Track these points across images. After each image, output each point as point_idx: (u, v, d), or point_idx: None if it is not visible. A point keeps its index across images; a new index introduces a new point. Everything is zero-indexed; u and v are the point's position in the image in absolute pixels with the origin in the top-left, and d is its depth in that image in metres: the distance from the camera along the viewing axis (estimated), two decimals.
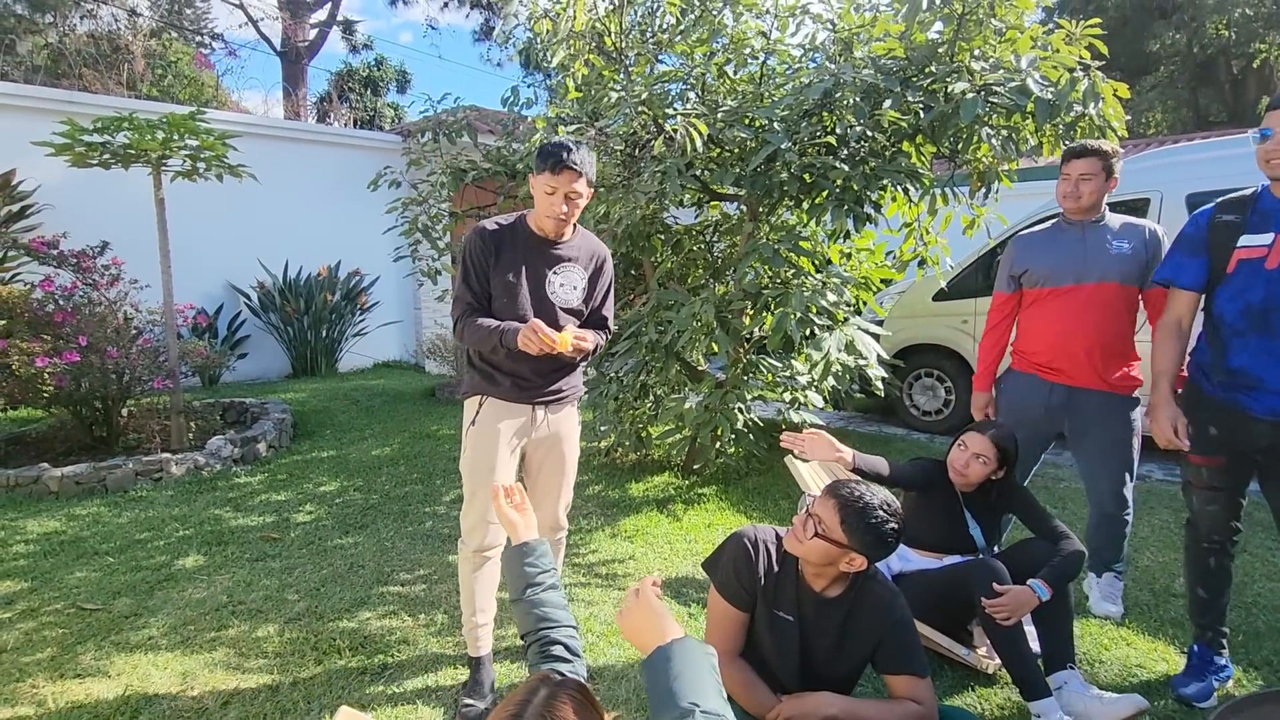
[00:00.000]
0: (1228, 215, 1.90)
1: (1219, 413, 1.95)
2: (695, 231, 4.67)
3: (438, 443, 4.93)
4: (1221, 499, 2.02)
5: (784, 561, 1.68)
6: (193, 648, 2.38)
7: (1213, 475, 2.01)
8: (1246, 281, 1.85)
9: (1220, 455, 1.98)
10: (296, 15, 13.23)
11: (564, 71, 4.14)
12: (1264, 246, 1.82)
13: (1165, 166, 4.52)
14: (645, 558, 3.13)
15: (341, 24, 15.26)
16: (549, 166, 1.92)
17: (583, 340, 2.01)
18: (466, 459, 2.11)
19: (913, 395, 5.55)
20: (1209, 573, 2.09)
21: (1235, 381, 1.90)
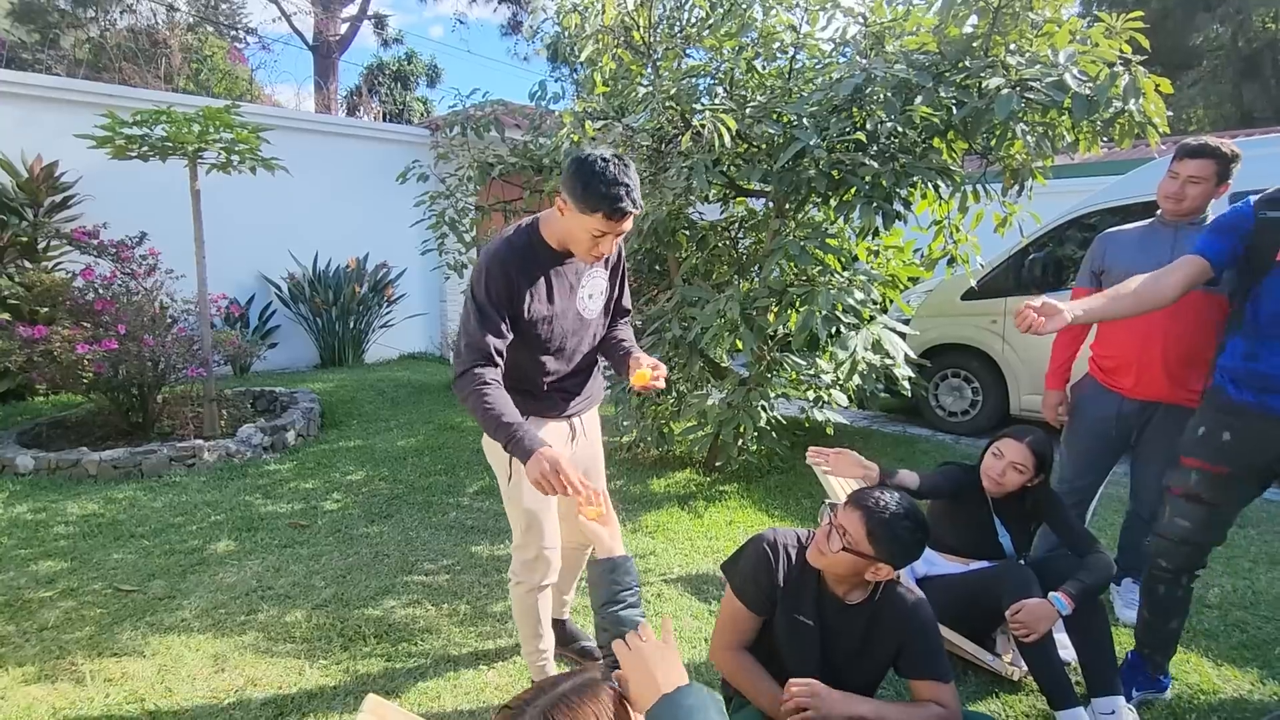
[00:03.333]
0: (1272, 211, 1.80)
1: (1244, 417, 1.85)
2: (721, 227, 4.64)
3: (462, 434, 4.98)
4: (1199, 517, 1.91)
5: (805, 565, 1.66)
6: (224, 630, 2.44)
7: (1202, 482, 1.90)
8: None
9: (1223, 464, 1.87)
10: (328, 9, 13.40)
11: (591, 66, 4.14)
12: None
13: None
14: (666, 554, 3.14)
15: (373, 18, 15.42)
16: (605, 211, 1.62)
17: (659, 370, 1.82)
18: (515, 490, 1.88)
19: (939, 395, 5.47)
20: (1156, 599, 2.02)
21: (1266, 385, 1.81)
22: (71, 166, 5.32)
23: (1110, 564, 2.03)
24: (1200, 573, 2.00)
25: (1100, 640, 1.96)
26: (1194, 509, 1.92)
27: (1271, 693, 2.11)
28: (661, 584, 2.85)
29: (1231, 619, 2.54)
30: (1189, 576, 1.99)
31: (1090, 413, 2.47)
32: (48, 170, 5.23)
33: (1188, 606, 2.04)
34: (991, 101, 2.81)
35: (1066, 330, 2.60)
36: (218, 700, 2.07)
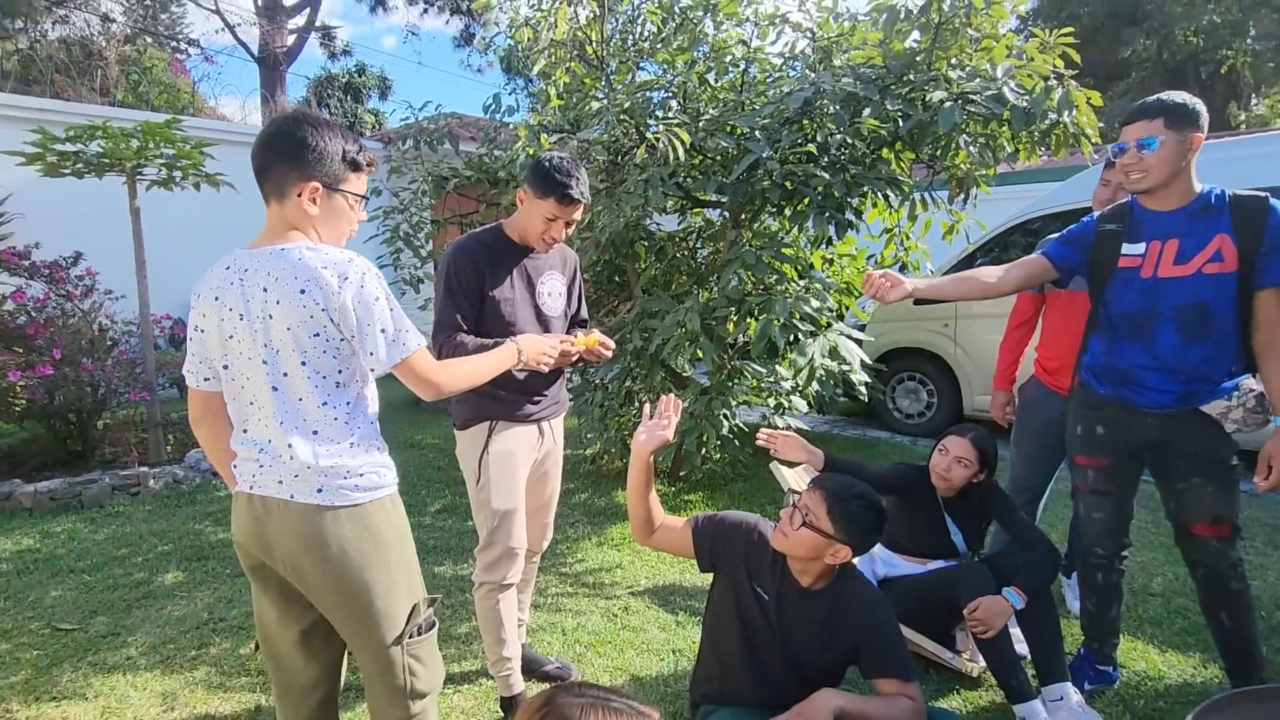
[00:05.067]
0: (1110, 224, 1.95)
1: (1109, 411, 1.99)
2: (679, 238, 4.68)
3: (422, 452, 4.89)
4: (1107, 506, 2.04)
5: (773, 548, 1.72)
6: (173, 667, 2.34)
7: (1098, 477, 2.03)
8: (1125, 288, 1.91)
9: (1106, 456, 2.01)
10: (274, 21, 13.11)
11: (545, 79, 4.15)
12: (1138, 256, 1.88)
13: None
14: (633, 566, 3.13)
15: (320, 30, 15.15)
16: (556, 197, 1.87)
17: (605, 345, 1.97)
18: (484, 491, 1.97)
19: (895, 399, 5.61)
20: (1095, 587, 2.12)
21: (1122, 379, 1.95)
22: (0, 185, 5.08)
23: (1058, 557, 2.11)
24: (1128, 554, 2.11)
25: (1049, 631, 2.03)
26: (1100, 500, 2.05)
27: (1213, 675, 2.21)
28: (629, 597, 2.84)
29: (1174, 606, 2.65)
30: (1120, 559, 2.10)
31: (1036, 413, 2.56)
32: None
33: (1123, 591, 2.14)
34: (935, 114, 2.91)
35: (1012, 334, 2.71)
36: None
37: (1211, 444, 1.88)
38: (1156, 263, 1.86)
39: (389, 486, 1.43)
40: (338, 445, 1.36)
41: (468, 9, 16.51)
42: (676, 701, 2.14)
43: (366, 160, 1.45)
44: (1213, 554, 1.90)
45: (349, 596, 1.37)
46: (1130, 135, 1.81)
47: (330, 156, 1.37)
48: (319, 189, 1.36)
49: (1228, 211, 1.80)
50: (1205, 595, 1.99)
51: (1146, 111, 1.80)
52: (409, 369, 1.39)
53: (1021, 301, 2.70)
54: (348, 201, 1.43)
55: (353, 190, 1.43)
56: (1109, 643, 2.16)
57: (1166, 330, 1.86)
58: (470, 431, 2.00)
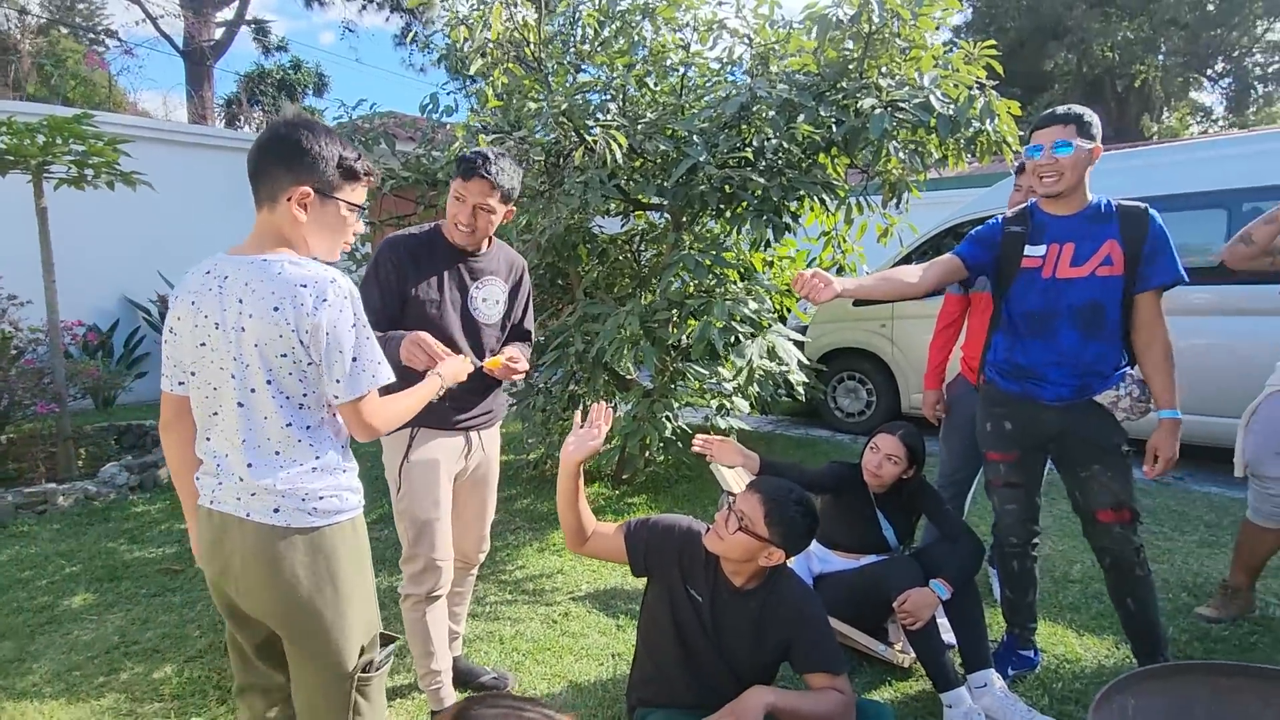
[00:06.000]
0: (1015, 226, 2.04)
1: (1014, 406, 2.08)
2: (621, 241, 4.68)
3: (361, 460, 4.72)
4: (1019, 498, 2.13)
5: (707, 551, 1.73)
6: (80, 694, 2.19)
7: (1009, 470, 2.13)
8: (1028, 288, 2.00)
9: (1015, 450, 2.10)
10: (199, 14, 12.55)
11: (483, 79, 4.09)
12: (1039, 257, 1.98)
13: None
14: (574, 572, 3.10)
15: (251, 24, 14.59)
16: (460, 172, 1.85)
17: (517, 362, 1.90)
18: (404, 501, 1.91)
19: (836, 398, 5.73)
20: (1012, 575, 2.22)
21: (1026, 375, 2.04)
22: None
23: (981, 548, 2.19)
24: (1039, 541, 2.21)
25: (974, 620, 2.11)
26: (1012, 493, 2.14)
27: (1126, 656, 2.32)
28: (569, 602, 2.80)
29: (1091, 591, 2.78)
30: (1033, 546, 2.19)
31: (963, 410, 2.65)
32: None
33: (1036, 577, 2.24)
34: (866, 120, 2.99)
35: (940, 334, 2.81)
36: None
37: (1106, 432, 1.99)
38: (1055, 264, 1.96)
39: (351, 510, 1.37)
40: (300, 468, 1.31)
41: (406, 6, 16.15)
42: (615, 706, 2.12)
43: (365, 169, 1.40)
44: (1117, 540, 2.00)
45: (297, 625, 1.32)
46: (1045, 138, 1.90)
47: (325, 161, 1.32)
48: (309, 194, 1.31)
49: (1116, 219, 1.93)
50: (1113, 583, 2.09)
51: (1060, 118, 1.91)
52: (359, 408, 1.32)
53: (948, 304, 2.80)
54: (341, 211, 1.37)
55: (347, 199, 1.38)
56: (1028, 627, 2.25)
57: (1066, 328, 1.96)
58: (392, 438, 1.93)
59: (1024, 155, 1.98)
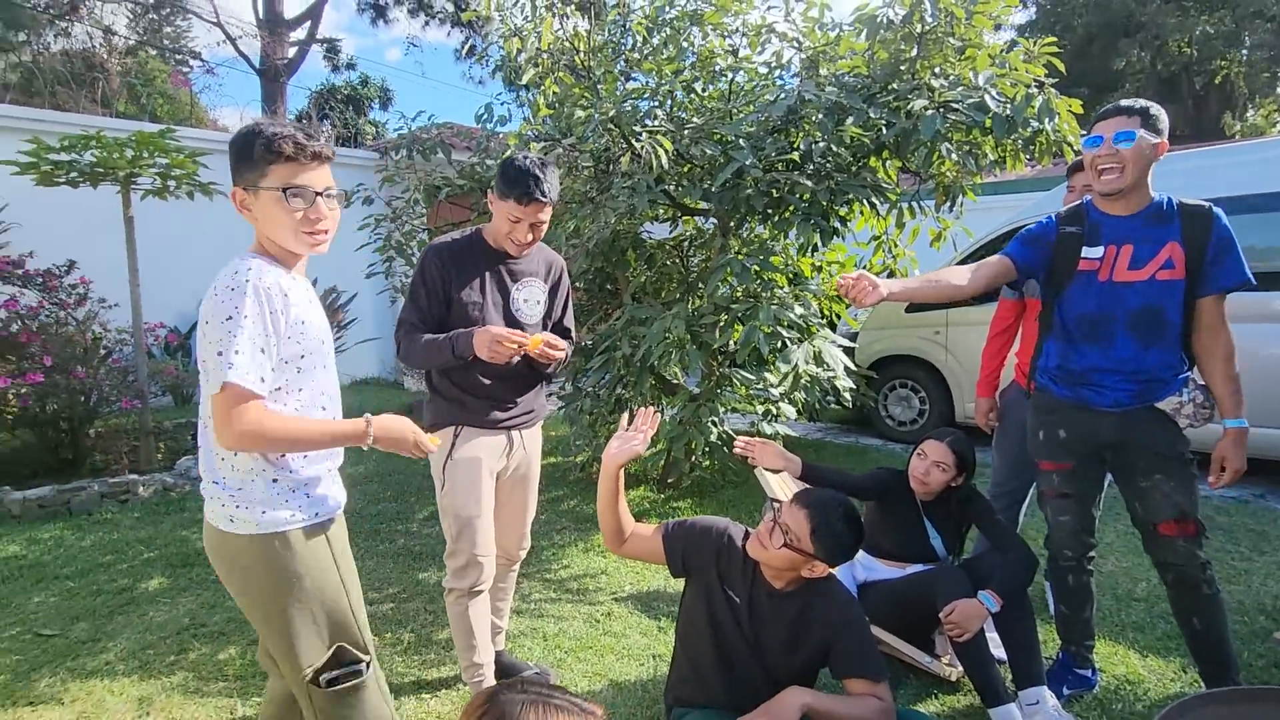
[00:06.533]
0: (1070, 226, 1.95)
1: (1068, 413, 1.99)
2: (669, 246, 4.71)
3: (411, 460, 4.87)
4: (1073, 509, 2.03)
5: (745, 553, 1.73)
6: (151, 672, 2.33)
7: (1063, 481, 2.03)
8: (1084, 291, 1.92)
9: (1069, 459, 2.01)
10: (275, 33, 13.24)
11: (535, 89, 4.19)
12: (1096, 260, 1.89)
13: None
14: (618, 572, 3.12)
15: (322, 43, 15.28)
16: (515, 197, 1.84)
17: (555, 347, 1.90)
18: (448, 498, 1.97)
19: (888, 406, 5.61)
20: (1067, 589, 2.12)
21: (1080, 380, 1.95)
22: None
23: (1034, 560, 2.10)
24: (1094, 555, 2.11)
25: (1025, 634, 2.03)
26: (1066, 504, 2.05)
27: (1193, 680, 2.20)
28: (612, 602, 2.83)
29: (1157, 610, 2.64)
30: (1088, 560, 2.10)
31: (1016, 417, 2.56)
32: None
33: (1093, 592, 2.14)
34: (918, 121, 2.93)
35: (993, 340, 2.72)
36: None
37: (1168, 439, 1.89)
38: (1113, 266, 1.87)
39: (295, 523, 1.34)
40: (242, 473, 1.32)
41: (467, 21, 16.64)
42: (654, 706, 2.13)
43: (292, 147, 1.28)
44: (1180, 554, 1.90)
45: (255, 619, 1.39)
46: (1107, 129, 1.80)
47: (243, 156, 1.30)
48: (237, 191, 1.34)
49: (1178, 220, 1.83)
50: (1176, 600, 1.98)
51: (1124, 109, 1.81)
52: (217, 403, 1.24)
53: (1002, 309, 2.71)
54: (275, 197, 1.29)
55: (271, 184, 1.29)
56: (1085, 645, 2.16)
57: (1123, 334, 1.87)
58: (437, 435, 1.99)
59: (1082, 147, 1.90)
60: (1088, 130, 1.91)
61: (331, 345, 1.50)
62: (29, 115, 5.79)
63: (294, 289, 1.37)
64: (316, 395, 1.44)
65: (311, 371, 1.42)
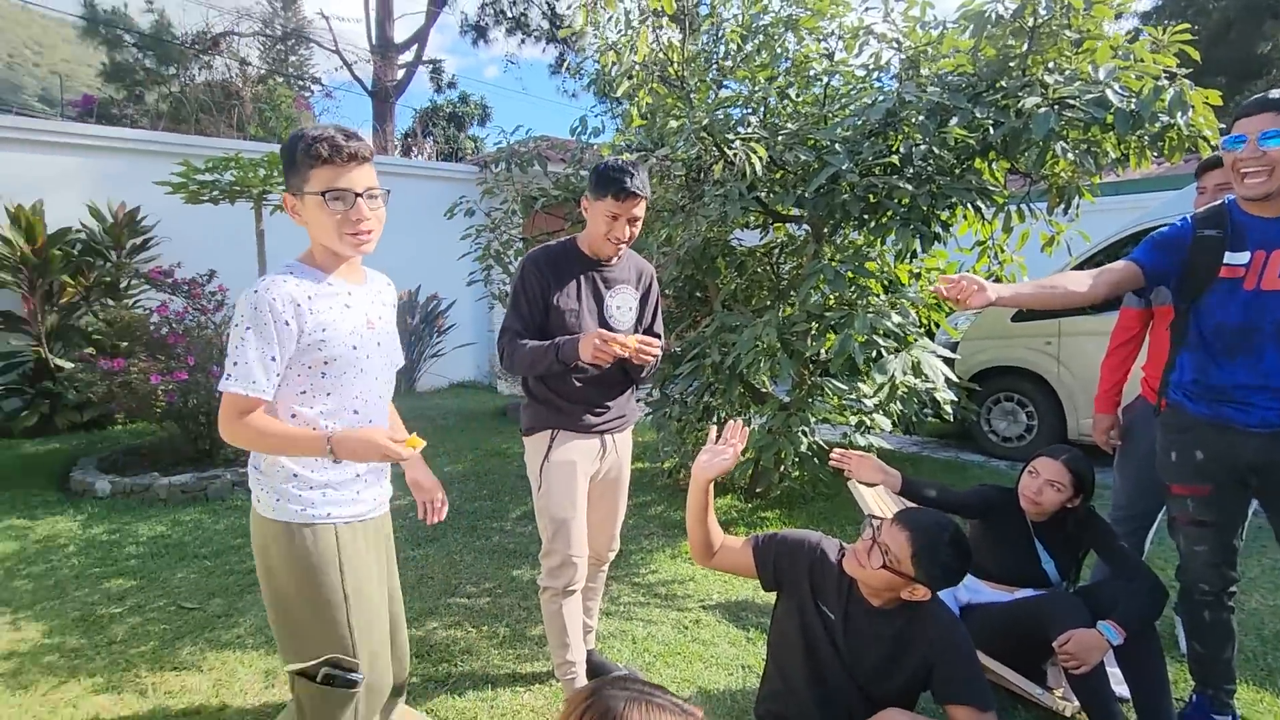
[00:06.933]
0: (1209, 229, 1.77)
1: (1206, 432, 1.81)
2: (760, 253, 4.67)
3: (507, 460, 5.07)
4: (1210, 538, 1.84)
5: (841, 568, 1.69)
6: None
7: (1199, 507, 1.84)
8: (1226, 301, 1.74)
9: (1207, 483, 1.82)
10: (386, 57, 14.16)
11: (629, 101, 4.27)
12: (1242, 266, 1.72)
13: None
14: (705, 580, 3.12)
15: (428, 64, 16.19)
16: (612, 193, 1.88)
17: (650, 346, 1.90)
18: (544, 499, 2.03)
19: (991, 420, 5.30)
20: (1202, 626, 1.92)
21: (1221, 397, 1.77)
22: (151, 211, 5.74)
23: (1163, 591, 1.94)
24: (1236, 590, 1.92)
25: (1154, 671, 1.87)
26: (1202, 532, 1.87)
27: None
28: (700, 610, 2.83)
29: None
30: (1229, 595, 1.91)
31: (1143, 435, 2.37)
32: (130, 215, 5.66)
33: (1234, 631, 1.94)
34: (1029, 120, 2.78)
35: (1115, 352, 2.53)
36: (267, 715, 2.16)
37: None
38: (1260, 274, 1.70)
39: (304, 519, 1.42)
40: (269, 462, 1.44)
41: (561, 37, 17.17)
42: (745, 717, 2.11)
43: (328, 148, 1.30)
44: None
45: (265, 599, 1.50)
46: (1250, 127, 1.65)
47: (289, 162, 1.36)
48: (287, 198, 1.41)
49: None
50: None
51: (1272, 103, 1.64)
52: (224, 404, 1.37)
53: (1125, 318, 2.51)
54: (318, 201, 1.33)
55: (314, 188, 1.32)
56: (1224, 689, 1.96)
57: (1272, 347, 1.70)
58: (533, 439, 2.07)
59: (1221, 147, 1.74)
60: (1227, 125, 1.75)
61: (376, 351, 1.51)
62: (178, 140, 6.47)
63: (319, 296, 1.41)
64: (348, 400, 1.47)
65: (339, 377, 1.44)
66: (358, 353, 1.47)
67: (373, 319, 1.53)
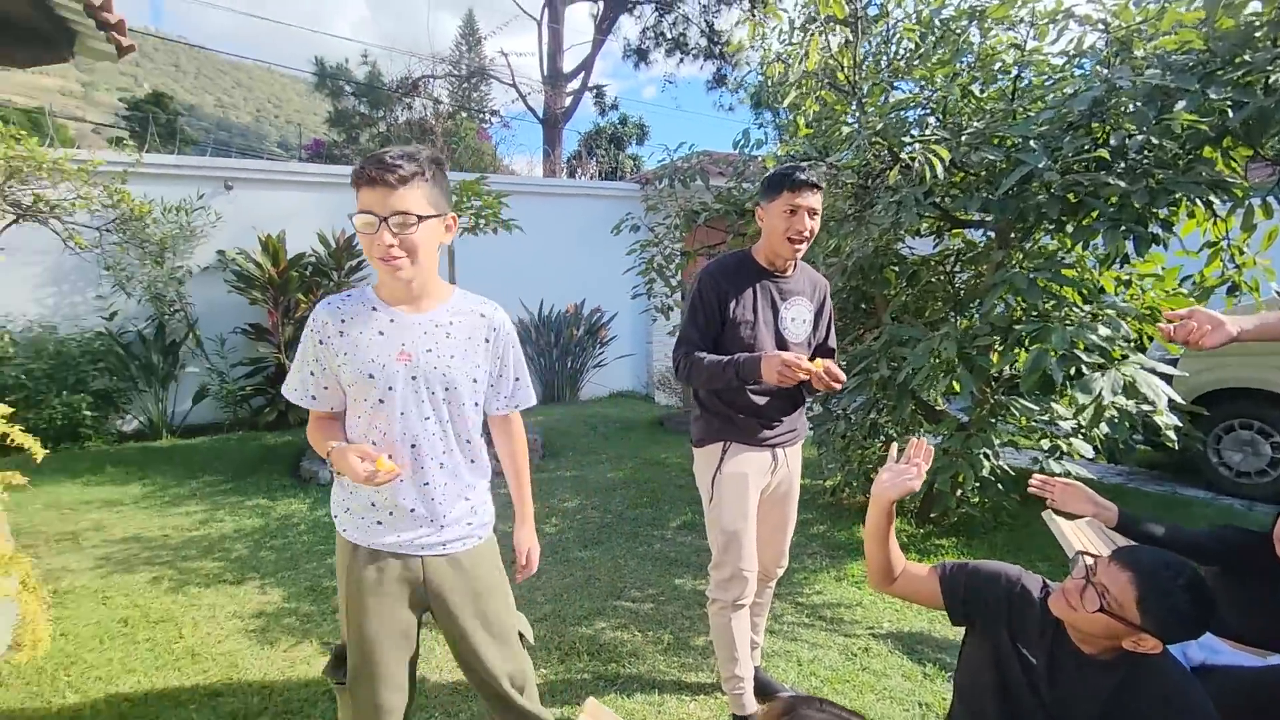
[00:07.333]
0: None
1: None
2: (934, 262, 4.38)
3: (665, 470, 5.17)
4: None
5: (1046, 607, 1.52)
6: None
7: None
8: None
9: None
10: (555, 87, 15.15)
11: (794, 110, 4.21)
12: None
13: None
14: (874, 606, 2.96)
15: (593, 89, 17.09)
16: (787, 187, 1.90)
17: (836, 378, 1.84)
18: (715, 510, 2.03)
19: (1221, 451, 4.53)
20: None
21: None
22: None
23: None
24: None
25: None
26: None
27: None
28: (869, 638, 2.69)
29: None
30: None
31: None
32: (348, 240, 6.53)
33: None
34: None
35: None
36: (459, 692, 2.36)
37: None
38: None
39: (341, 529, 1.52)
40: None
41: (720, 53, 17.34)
42: None
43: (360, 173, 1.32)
44: None
45: None
46: None
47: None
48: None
49: None
50: None
51: None
52: None
53: None
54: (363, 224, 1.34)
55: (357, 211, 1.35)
56: None
57: None
58: (705, 450, 2.08)
59: None
60: None
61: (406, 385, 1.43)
62: None
63: (354, 319, 1.42)
64: (368, 429, 1.44)
65: (359, 404, 1.44)
66: (374, 381, 1.41)
67: (412, 350, 1.43)
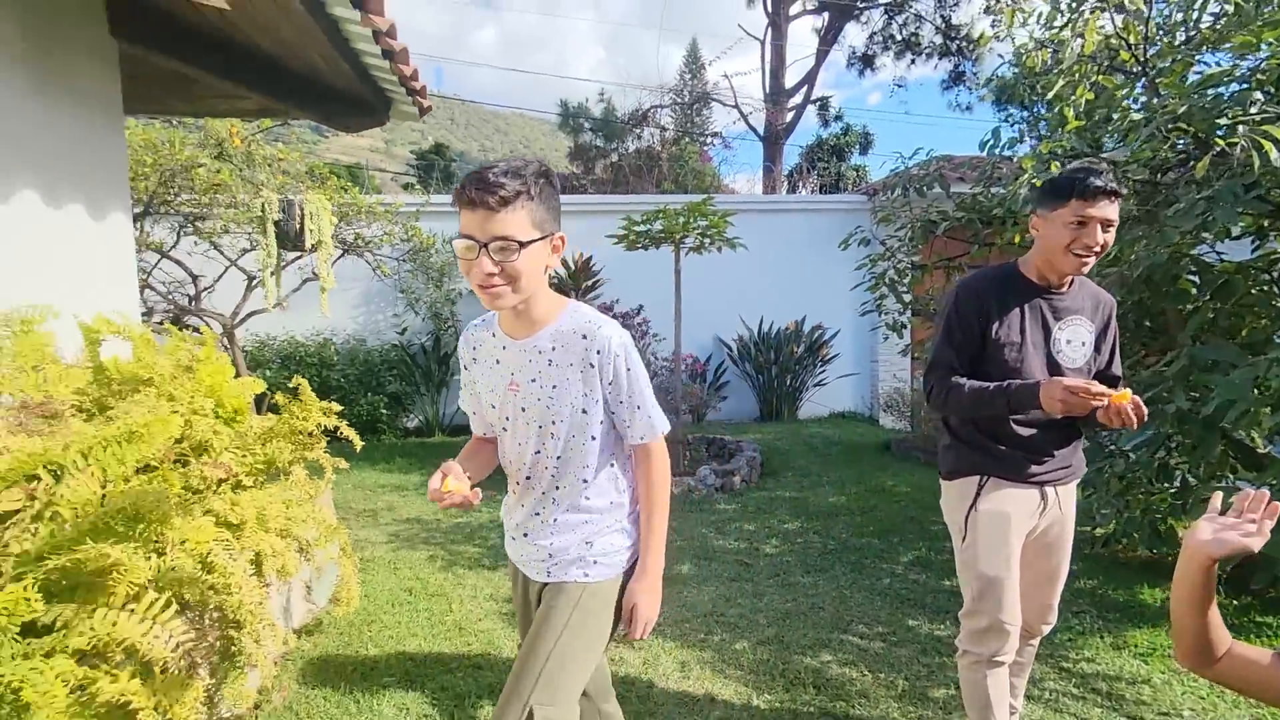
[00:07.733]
0: None
1: None
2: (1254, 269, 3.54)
3: (893, 499, 4.82)
4: None
5: None
6: (689, 643, 2.83)
7: None
8: None
9: None
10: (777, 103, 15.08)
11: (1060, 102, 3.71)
12: None
13: None
14: (1167, 687, 2.45)
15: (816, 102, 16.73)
16: (1077, 194, 1.66)
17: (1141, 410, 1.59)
18: (969, 552, 1.83)
19: None
20: None
21: None
22: (599, 259, 7.13)
23: None
24: None
25: None
26: None
27: None
28: None
29: None
30: None
31: None
32: (585, 263, 7.12)
33: None
34: None
35: None
36: (685, 704, 2.41)
37: None
38: None
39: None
40: None
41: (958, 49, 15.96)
42: None
43: (460, 195, 1.24)
44: None
45: None
46: None
47: None
48: None
49: None
50: None
51: None
52: None
53: None
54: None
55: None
56: None
57: None
58: (956, 484, 1.88)
59: None
60: None
61: (519, 416, 1.40)
62: (618, 200, 7.96)
63: (482, 346, 1.46)
64: (503, 456, 1.51)
65: (497, 429, 1.50)
66: (497, 412, 1.44)
67: (519, 380, 1.38)
